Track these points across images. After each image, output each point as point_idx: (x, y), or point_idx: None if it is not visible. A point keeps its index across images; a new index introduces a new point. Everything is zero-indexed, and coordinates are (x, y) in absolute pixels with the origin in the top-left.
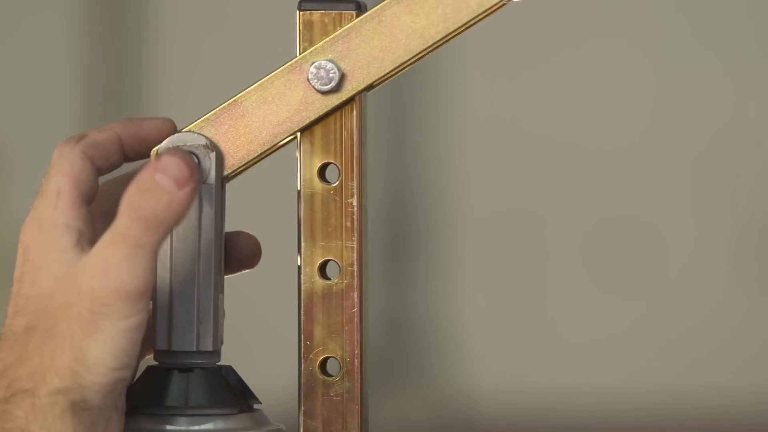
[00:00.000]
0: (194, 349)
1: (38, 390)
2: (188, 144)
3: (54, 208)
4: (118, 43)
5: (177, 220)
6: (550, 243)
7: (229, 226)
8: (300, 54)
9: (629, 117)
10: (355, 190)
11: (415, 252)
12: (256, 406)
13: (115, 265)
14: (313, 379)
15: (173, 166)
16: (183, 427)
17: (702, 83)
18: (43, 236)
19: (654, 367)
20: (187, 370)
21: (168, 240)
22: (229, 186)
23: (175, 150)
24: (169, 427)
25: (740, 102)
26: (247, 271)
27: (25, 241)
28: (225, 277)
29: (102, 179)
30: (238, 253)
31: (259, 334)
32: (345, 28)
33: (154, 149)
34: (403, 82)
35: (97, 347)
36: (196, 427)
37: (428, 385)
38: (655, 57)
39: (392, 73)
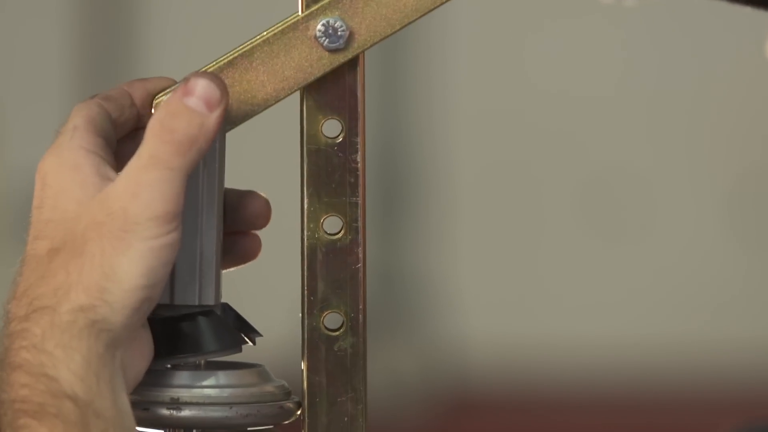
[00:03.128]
0: (196, 303)
1: (60, 307)
2: None
3: (71, 137)
4: (111, 2)
5: (208, 144)
6: (542, 196)
7: (231, 182)
8: (303, 10)
9: (622, 68)
10: (359, 146)
11: (407, 206)
12: (258, 362)
13: (146, 187)
14: (317, 334)
15: (203, 88)
16: (185, 382)
17: (694, 32)
18: (62, 160)
19: (646, 318)
20: (188, 317)
21: None
22: (230, 141)
23: (202, 72)
24: (170, 381)
25: (732, 50)
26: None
27: (43, 168)
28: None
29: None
30: (245, 212)
31: (251, 288)
32: None
33: (156, 99)
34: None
35: (128, 263)
36: (198, 383)
37: (420, 337)
38: (649, 4)
39: (399, 30)
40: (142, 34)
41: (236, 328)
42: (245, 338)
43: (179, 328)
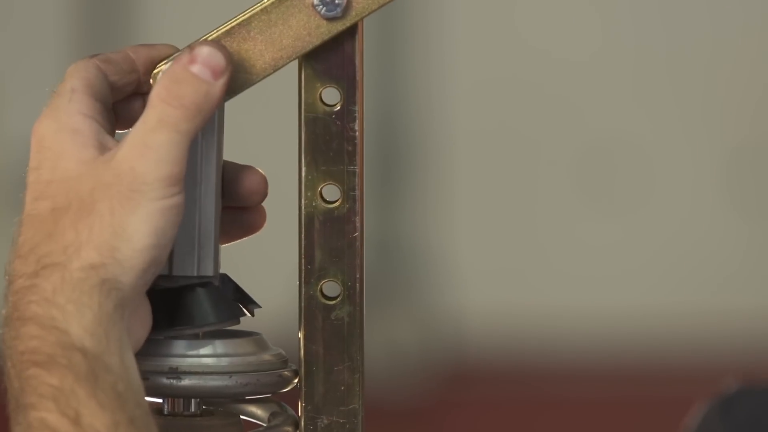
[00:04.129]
0: (195, 274)
1: (70, 264)
2: None
3: (69, 100)
4: None
5: (212, 111)
6: (541, 165)
7: (229, 149)
8: None
9: (621, 36)
10: (357, 115)
11: (405, 175)
12: (256, 330)
13: (154, 149)
14: (314, 303)
15: (207, 55)
16: (185, 352)
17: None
18: (60, 124)
19: (643, 287)
20: (186, 288)
21: None
22: (228, 109)
23: (206, 40)
24: (170, 351)
25: (727, 19)
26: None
27: (40, 130)
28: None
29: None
30: (240, 187)
31: (249, 256)
32: None
33: (157, 68)
34: (391, 2)
35: (137, 222)
36: (197, 352)
37: (417, 307)
38: None
39: None
40: (141, 1)
41: (235, 300)
42: (244, 310)
43: (178, 299)
